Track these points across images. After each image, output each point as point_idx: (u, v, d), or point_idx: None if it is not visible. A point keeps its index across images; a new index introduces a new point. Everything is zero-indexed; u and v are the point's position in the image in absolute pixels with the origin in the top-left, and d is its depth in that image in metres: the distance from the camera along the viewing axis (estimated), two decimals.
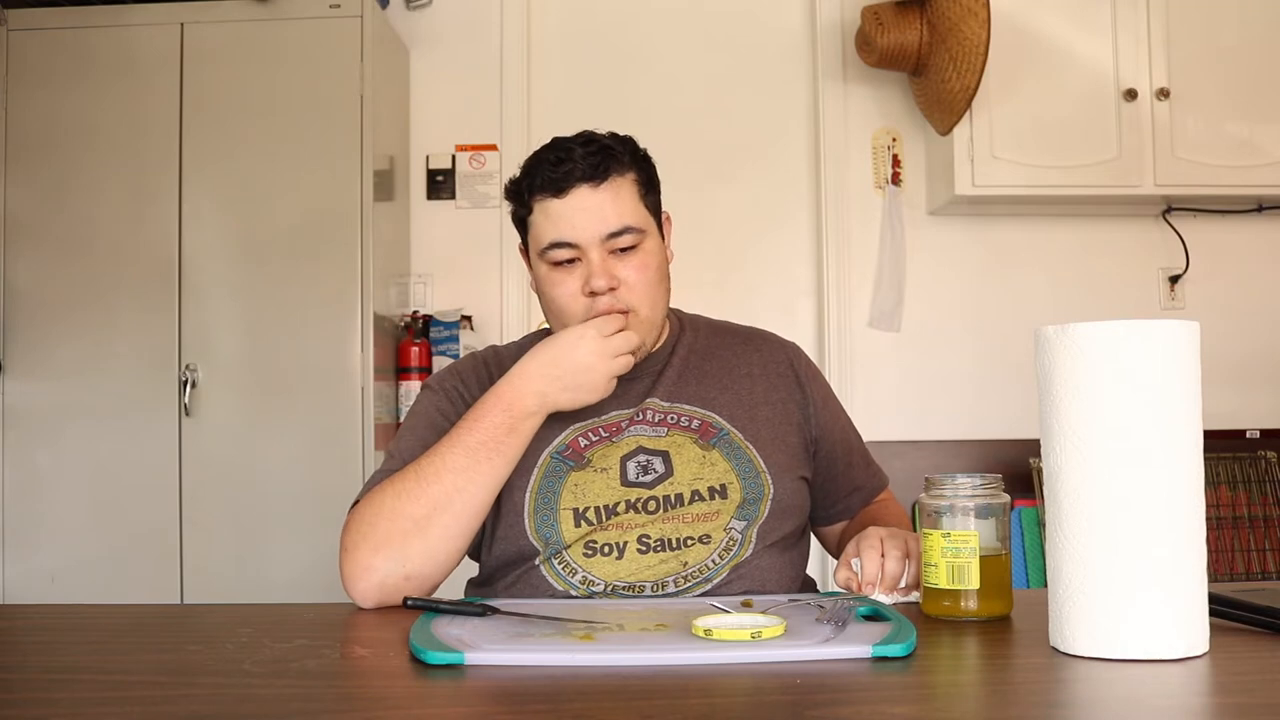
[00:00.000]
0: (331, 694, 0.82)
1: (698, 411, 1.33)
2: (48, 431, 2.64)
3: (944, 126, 2.83)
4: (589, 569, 1.23)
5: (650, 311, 1.30)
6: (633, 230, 1.28)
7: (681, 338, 1.42)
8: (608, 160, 1.28)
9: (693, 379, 1.37)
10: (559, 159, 1.28)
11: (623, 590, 1.22)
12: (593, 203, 1.27)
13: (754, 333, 1.47)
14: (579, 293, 1.28)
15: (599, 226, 1.27)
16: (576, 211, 1.27)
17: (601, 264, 1.27)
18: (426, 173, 3.10)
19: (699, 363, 1.39)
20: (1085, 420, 0.87)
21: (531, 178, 1.30)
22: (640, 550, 1.23)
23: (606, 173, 1.28)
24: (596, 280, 1.26)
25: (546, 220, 1.28)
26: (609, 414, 1.32)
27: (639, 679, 0.83)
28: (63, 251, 2.67)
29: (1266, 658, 0.88)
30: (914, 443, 3.01)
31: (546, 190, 1.28)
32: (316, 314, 2.64)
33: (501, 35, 3.13)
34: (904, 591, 1.13)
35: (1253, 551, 2.83)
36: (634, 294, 1.28)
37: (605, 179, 1.27)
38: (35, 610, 1.24)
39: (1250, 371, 3.06)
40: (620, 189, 1.29)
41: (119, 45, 2.69)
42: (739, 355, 1.41)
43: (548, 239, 1.28)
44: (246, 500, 2.61)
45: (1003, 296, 3.09)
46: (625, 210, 1.28)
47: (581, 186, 1.27)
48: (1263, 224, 3.11)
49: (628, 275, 1.28)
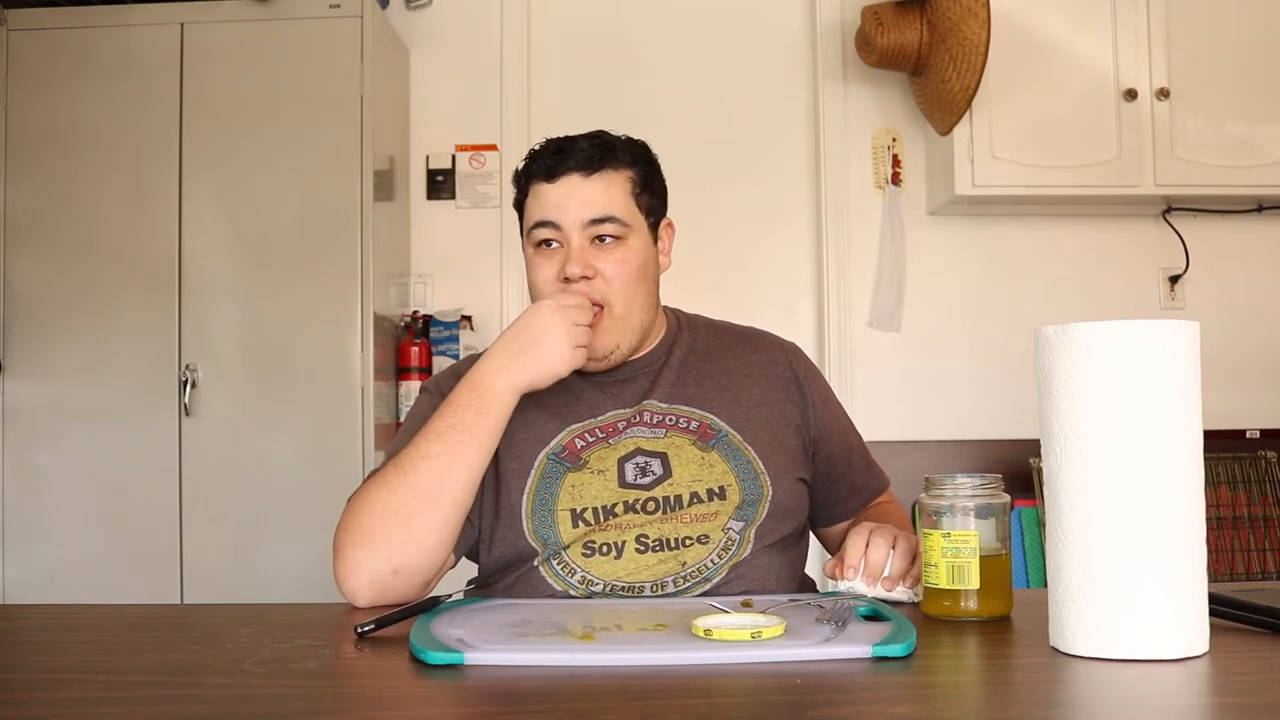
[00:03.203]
0: (331, 694, 0.82)
1: (696, 412, 1.33)
2: (48, 431, 2.64)
3: (944, 126, 2.83)
4: (588, 569, 1.23)
5: (624, 309, 1.30)
6: (616, 221, 1.29)
7: (679, 338, 1.41)
8: (605, 154, 1.31)
9: (691, 380, 1.36)
10: (560, 148, 1.31)
11: (622, 591, 1.22)
12: (581, 190, 1.29)
13: (753, 333, 1.46)
14: (555, 277, 1.29)
15: (582, 211, 1.29)
16: (564, 195, 1.29)
17: (580, 251, 1.29)
18: (426, 173, 3.10)
19: (697, 363, 1.38)
20: (1085, 420, 0.87)
21: (531, 163, 1.33)
22: (639, 550, 1.23)
23: (600, 165, 1.30)
24: (571, 266, 1.28)
25: (535, 202, 1.32)
26: (606, 415, 1.32)
27: (639, 679, 0.83)
28: (63, 251, 2.67)
29: (1266, 658, 0.88)
30: (914, 443, 3.01)
31: (540, 175, 1.31)
32: (316, 314, 2.64)
33: (501, 35, 3.13)
34: (889, 584, 1.12)
35: (1253, 551, 2.83)
36: (609, 287, 1.29)
37: (598, 170, 1.30)
38: (35, 610, 1.24)
39: (1250, 371, 3.06)
40: (612, 183, 1.31)
41: (119, 45, 2.69)
42: (738, 356, 1.40)
43: (533, 219, 1.31)
44: (246, 500, 2.61)
45: (1003, 296, 3.09)
46: (612, 202, 1.30)
47: (573, 174, 1.30)
48: (1263, 224, 3.11)
49: (605, 267, 1.29)
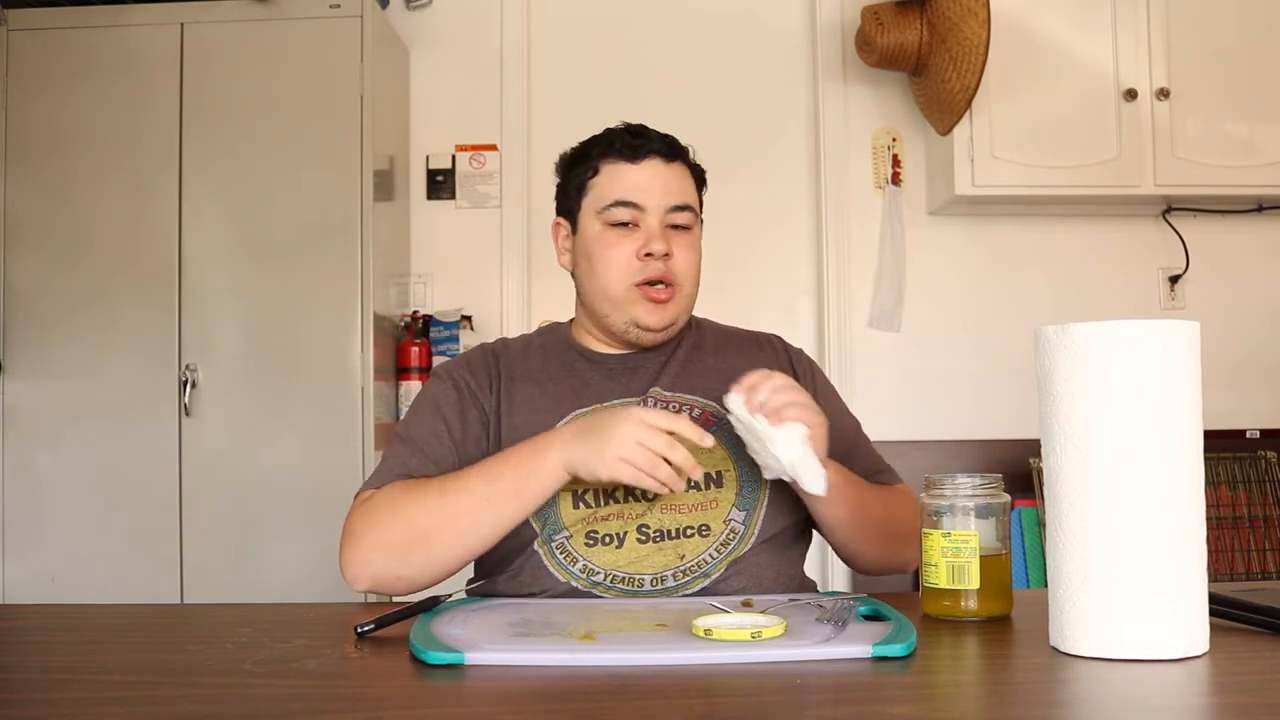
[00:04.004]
0: (331, 694, 0.82)
1: (699, 400, 1.36)
2: (48, 431, 2.64)
3: (944, 126, 2.82)
4: (590, 558, 1.24)
5: (691, 289, 1.39)
6: (690, 210, 1.38)
7: (688, 334, 1.45)
8: (680, 148, 1.41)
9: (697, 371, 1.40)
10: (636, 133, 1.38)
11: (622, 583, 1.23)
12: (664, 174, 1.36)
13: (760, 335, 1.52)
14: (634, 255, 1.34)
15: (665, 197, 1.35)
16: (648, 178, 1.35)
17: (661, 232, 1.34)
18: (426, 173, 3.10)
19: (703, 357, 1.42)
20: (1085, 420, 0.87)
21: (606, 144, 1.38)
22: (640, 540, 1.24)
23: (678, 156, 1.40)
24: (656, 243, 1.33)
25: (615, 180, 1.36)
26: (612, 401, 1.34)
27: (639, 679, 0.83)
28: (63, 251, 2.67)
29: (1266, 658, 0.88)
30: (914, 443, 3.00)
31: (621, 155, 1.36)
32: (316, 314, 2.64)
33: (501, 35, 3.13)
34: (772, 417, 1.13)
35: (1253, 551, 2.83)
36: (682, 270, 1.36)
37: (676, 159, 1.39)
38: (35, 610, 1.24)
39: (1250, 371, 3.06)
40: (685, 174, 1.40)
41: (119, 45, 2.69)
42: (744, 354, 1.44)
43: (613, 197, 1.35)
44: (246, 500, 2.61)
45: (1003, 296, 3.09)
46: (686, 191, 1.39)
47: (655, 158, 1.36)
48: (1263, 224, 3.11)
49: (679, 251, 1.36)
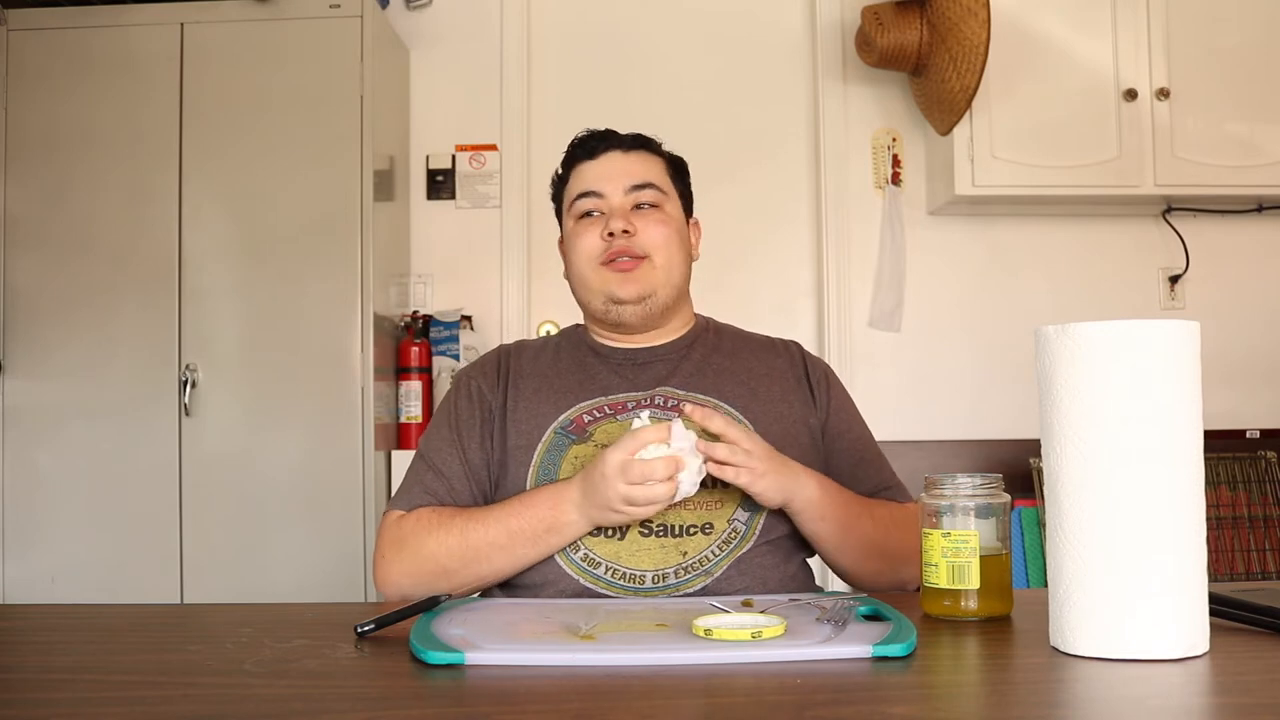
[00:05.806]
0: (331, 694, 0.82)
1: (710, 401, 1.35)
2: (48, 431, 2.64)
3: (944, 126, 2.82)
4: (591, 547, 1.25)
5: (665, 262, 1.39)
6: (654, 188, 1.41)
7: (704, 337, 1.46)
8: (643, 141, 1.45)
9: (711, 374, 1.40)
10: (595, 134, 1.45)
11: (622, 579, 1.23)
12: (622, 162, 1.42)
13: (777, 341, 1.51)
14: (599, 238, 1.38)
15: (623, 179, 1.40)
16: (606, 168, 1.41)
17: (622, 212, 1.38)
18: (426, 173, 3.10)
19: (719, 361, 1.42)
20: (1085, 420, 0.87)
21: (571, 150, 1.46)
22: (642, 533, 1.25)
23: (639, 146, 1.44)
24: (615, 221, 1.36)
25: (578, 178, 1.43)
26: (619, 395, 1.35)
27: (639, 679, 0.83)
28: (63, 251, 2.67)
29: (1266, 658, 0.88)
30: (914, 443, 3.00)
31: (582, 156, 1.44)
32: (316, 314, 2.64)
33: (501, 35, 3.13)
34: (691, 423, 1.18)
35: (1253, 551, 2.83)
36: (650, 242, 1.38)
37: (637, 150, 1.43)
38: (35, 610, 1.24)
39: (1250, 371, 3.06)
40: (649, 161, 1.44)
41: (119, 45, 2.69)
42: (759, 359, 1.44)
43: (577, 191, 1.42)
44: (246, 500, 2.61)
45: (1003, 296, 3.09)
46: (652, 172, 1.42)
47: (614, 151, 1.43)
48: (1263, 224, 3.11)
49: (645, 226, 1.38)
